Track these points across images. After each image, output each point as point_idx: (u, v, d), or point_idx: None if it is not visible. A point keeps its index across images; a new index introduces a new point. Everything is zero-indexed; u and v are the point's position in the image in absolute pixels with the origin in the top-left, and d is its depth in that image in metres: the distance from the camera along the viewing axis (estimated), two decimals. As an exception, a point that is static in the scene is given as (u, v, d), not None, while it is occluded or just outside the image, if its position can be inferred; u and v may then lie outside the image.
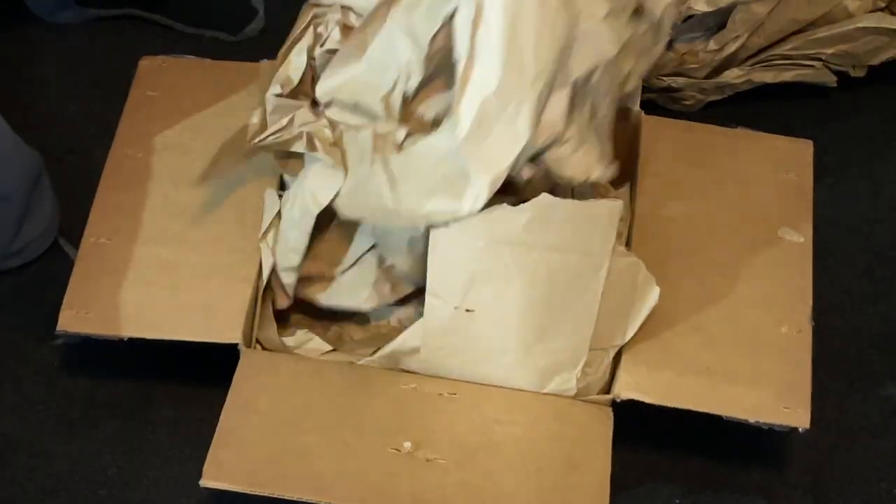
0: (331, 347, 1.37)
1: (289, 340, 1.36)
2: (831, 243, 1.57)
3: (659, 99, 1.67)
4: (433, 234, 1.25)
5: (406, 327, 1.33)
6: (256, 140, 1.33)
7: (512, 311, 1.28)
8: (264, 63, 1.48)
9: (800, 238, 1.41)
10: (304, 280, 1.37)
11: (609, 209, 1.23)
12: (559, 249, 1.24)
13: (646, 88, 1.47)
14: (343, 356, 1.36)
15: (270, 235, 1.36)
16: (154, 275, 1.35)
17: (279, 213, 1.37)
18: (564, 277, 1.26)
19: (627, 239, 1.40)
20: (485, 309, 1.28)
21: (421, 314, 1.31)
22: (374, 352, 1.34)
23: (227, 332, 1.31)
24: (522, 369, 1.30)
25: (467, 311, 1.28)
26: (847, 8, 1.62)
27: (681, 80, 1.66)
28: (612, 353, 1.32)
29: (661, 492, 1.39)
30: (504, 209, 1.22)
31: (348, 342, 1.40)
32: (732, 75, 1.66)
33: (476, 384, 1.31)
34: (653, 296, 1.31)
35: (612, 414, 1.29)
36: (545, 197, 1.22)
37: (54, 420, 1.42)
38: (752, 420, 1.28)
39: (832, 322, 1.52)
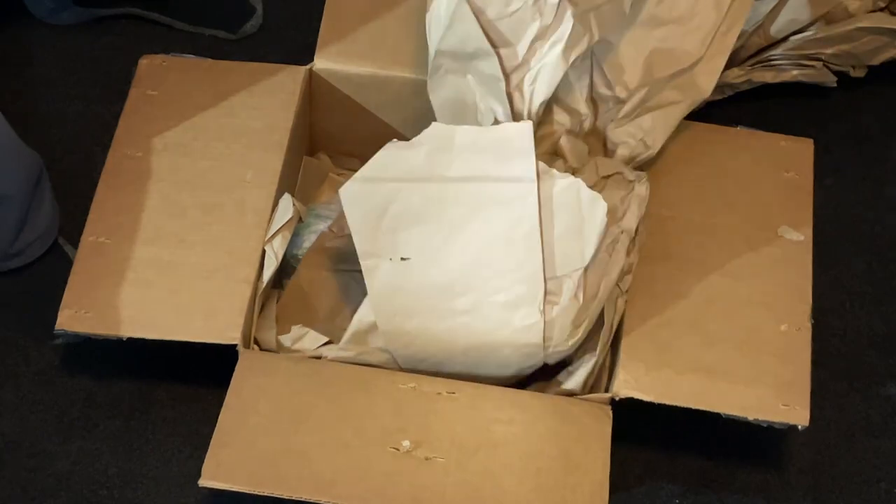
0: (326, 339, 1.36)
1: (284, 339, 1.36)
2: (831, 243, 1.57)
3: (659, 99, 1.67)
4: (341, 192, 1.20)
5: None
6: None
7: (447, 250, 1.24)
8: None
9: (800, 237, 1.41)
10: None
11: (517, 130, 1.16)
12: (476, 180, 1.19)
13: (646, 88, 1.47)
14: (335, 350, 1.36)
15: (277, 240, 1.37)
16: (154, 275, 1.35)
17: (290, 221, 1.37)
18: (492, 208, 1.21)
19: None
20: (420, 254, 1.24)
21: None
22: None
23: (227, 332, 1.31)
24: (482, 310, 1.26)
25: (403, 259, 1.24)
26: (847, 8, 1.62)
27: (681, 81, 1.66)
28: (576, 278, 1.26)
29: (660, 490, 1.39)
30: (394, 145, 1.16)
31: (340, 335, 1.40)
32: (732, 75, 1.66)
33: (474, 384, 1.30)
34: (600, 212, 1.24)
35: (611, 412, 1.28)
36: (436, 126, 1.15)
37: (54, 420, 1.42)
38: (751, 418, 1.28)
39: (832, 322, 1.52)
